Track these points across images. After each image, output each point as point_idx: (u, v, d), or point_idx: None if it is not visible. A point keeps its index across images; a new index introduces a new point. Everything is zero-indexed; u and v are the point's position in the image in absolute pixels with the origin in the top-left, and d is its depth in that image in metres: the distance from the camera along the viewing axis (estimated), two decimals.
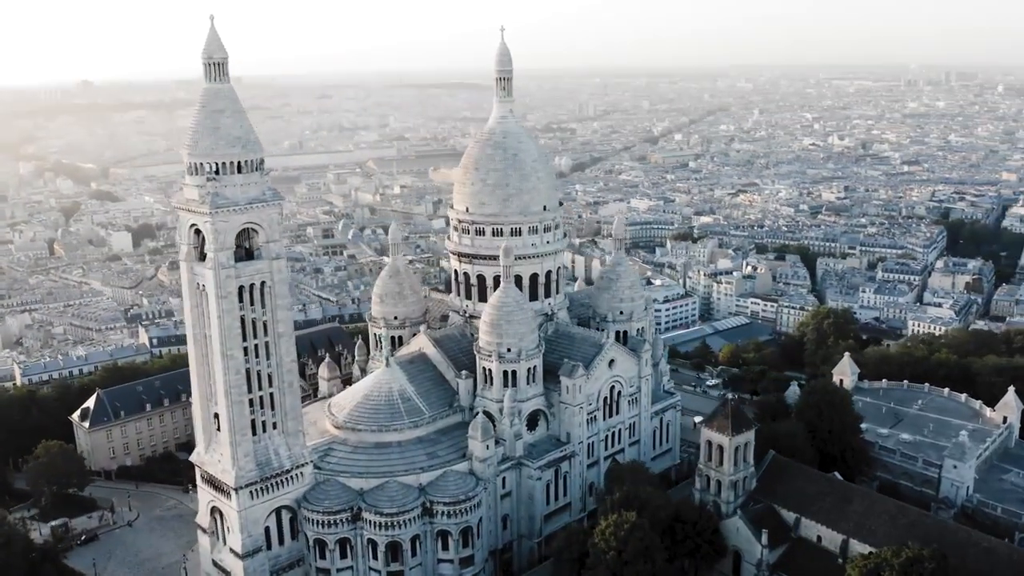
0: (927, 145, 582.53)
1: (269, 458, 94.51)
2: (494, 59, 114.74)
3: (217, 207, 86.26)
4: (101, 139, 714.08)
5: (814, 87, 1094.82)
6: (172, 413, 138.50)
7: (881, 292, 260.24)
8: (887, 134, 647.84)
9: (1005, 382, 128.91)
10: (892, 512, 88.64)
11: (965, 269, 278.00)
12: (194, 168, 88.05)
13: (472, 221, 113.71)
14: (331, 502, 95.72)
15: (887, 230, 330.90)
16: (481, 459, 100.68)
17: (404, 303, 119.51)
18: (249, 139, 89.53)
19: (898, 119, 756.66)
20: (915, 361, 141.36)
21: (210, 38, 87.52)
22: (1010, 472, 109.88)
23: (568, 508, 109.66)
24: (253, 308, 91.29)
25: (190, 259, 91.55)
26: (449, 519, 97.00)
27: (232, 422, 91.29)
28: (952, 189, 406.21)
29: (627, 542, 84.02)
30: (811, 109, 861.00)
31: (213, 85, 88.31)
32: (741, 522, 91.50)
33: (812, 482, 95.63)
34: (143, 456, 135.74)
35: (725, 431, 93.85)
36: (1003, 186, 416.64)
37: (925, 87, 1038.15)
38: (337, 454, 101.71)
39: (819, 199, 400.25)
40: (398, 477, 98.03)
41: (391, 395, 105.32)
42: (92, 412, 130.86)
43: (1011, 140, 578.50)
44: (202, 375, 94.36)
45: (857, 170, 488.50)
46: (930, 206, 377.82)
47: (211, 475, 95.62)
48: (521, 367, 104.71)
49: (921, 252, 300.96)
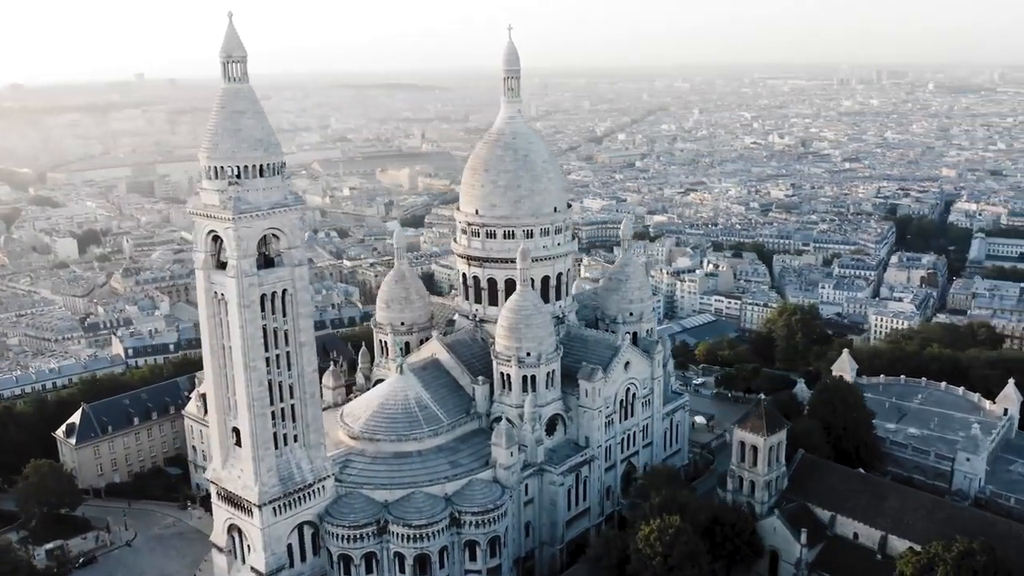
0: (865, 143, 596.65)
1: (291, 472, 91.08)
2: (501, 58, 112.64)
3: (240, 212, 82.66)
4: (35, 143, 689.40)
5: (749, 86, 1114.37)
6: (160, 426, 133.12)
7: (840, 288, 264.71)
8: (825, 132, 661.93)
9: (998, 375, 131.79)
10: (928, 507, 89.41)
11: (919, 264, 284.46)
12: (213, 171, 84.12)
13: (483, 223, 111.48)
14: (356, 516, 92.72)
15: (838, 227, 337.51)
16: (506, 466, 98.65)
17: (411, 308, 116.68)
18: (271, 141, 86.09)
19: (834, 117, 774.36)
20: (907, 356, 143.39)
21: (228, 36, 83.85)
22: (1016, 463, 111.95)
23: (587, 513, 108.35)
24: (275, 317, 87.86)
25: (207, 267, 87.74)
26: (477, 529, 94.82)
27: (255, 436, 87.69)
28: (896, 186, 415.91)
29: (673, 546, 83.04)
30: (749, 108, 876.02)
31: (232, 85, 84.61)
32: (779, 522, 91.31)
33: (844, 480, 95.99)
34: (131, 472, 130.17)
35: (760, 432, 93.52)
36: (944, 182, 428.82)
37: (858, 86, 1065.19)
38: (356, 466, 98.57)
39: (768, 197, 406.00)
40: (424, 488, 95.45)
41: (408, 403, 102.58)
42: (78, 428, 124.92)
43: (946, 137, 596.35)
44: (219, 388, 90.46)
45: (800, 168, 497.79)
46: (876, 202, 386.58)
47: (230, 492, 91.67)
48: (541, 372, 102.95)
49: (873, 248, 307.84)
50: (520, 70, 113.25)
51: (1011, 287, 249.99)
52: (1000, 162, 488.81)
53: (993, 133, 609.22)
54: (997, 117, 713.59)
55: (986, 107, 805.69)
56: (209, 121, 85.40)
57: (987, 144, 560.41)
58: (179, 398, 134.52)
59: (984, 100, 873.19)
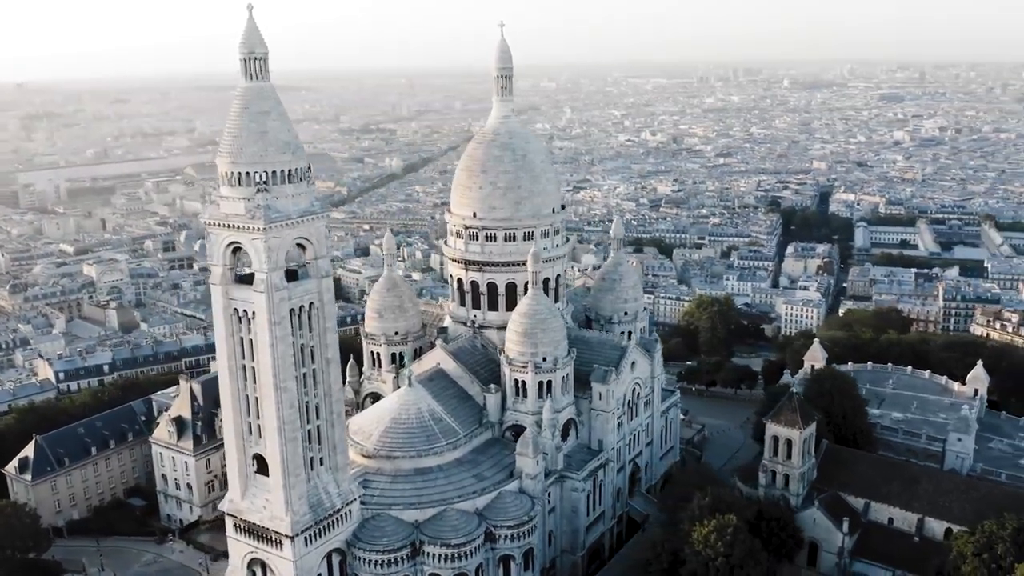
0: (733, 138, 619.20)
1: (320, 498, 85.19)
2: (494, 57, 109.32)
3: (271, 222, 76.36)
4: None
5: (613, 85, 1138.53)
6: (119, 456, 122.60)
7: (743, 279, 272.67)
8: (694, 129, 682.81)
9: (955, 357, 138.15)
10: (961, 488, 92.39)
11: (814, 253, 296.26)
12: (237, 178, 77.41)
13: (482, 227, 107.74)
14: (389, 539, 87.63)
15: (729, 220, 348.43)
16: (532, 476, 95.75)
17: (405, 317, 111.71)
18: (297, 144, 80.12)
19: (699, 114, 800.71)
20: (865, 343, 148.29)
21: (248, 30, 77.19)
22: (993, 440, 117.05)
23: (602, 517, 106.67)
24: (301, 333, 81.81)
25: (225, 282, 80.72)
26: (512, 543, 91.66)
27: (286, 462, 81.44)
28: (775, 179, 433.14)
29: (733, 545, 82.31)
30: (617, 107, 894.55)
31: (255, 84, 77.93)
32: (819, 513, 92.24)
33: (874, 467, 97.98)
34: (91, 507, 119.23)
35: (795, 425, 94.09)
36: (816, 174, 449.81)
37: (716, 83, 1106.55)
38: (377, 486, 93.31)
39: (655, 193, 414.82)
40: (455, 504, 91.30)
41: (421, 417, 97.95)
42: (32, 462, 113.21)
43: (809, 131, 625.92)
44: (237, 412, 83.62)
45: (677, 164, 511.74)
46: (758, 195, 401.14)
47: (253, 524, 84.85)
48: (556, 376, 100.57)
49: (765, 239, 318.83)
50: (512, 68, 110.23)
51: (905, 273, 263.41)
52: (863, 154, 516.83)
53: (852, 126, 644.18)
54: (853, 111, 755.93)
55: (840, 101, 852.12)
56: (229, 123, 78.52)
57: (848, 137, 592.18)
58: (136, 424, 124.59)
59: (838, 95, 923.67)
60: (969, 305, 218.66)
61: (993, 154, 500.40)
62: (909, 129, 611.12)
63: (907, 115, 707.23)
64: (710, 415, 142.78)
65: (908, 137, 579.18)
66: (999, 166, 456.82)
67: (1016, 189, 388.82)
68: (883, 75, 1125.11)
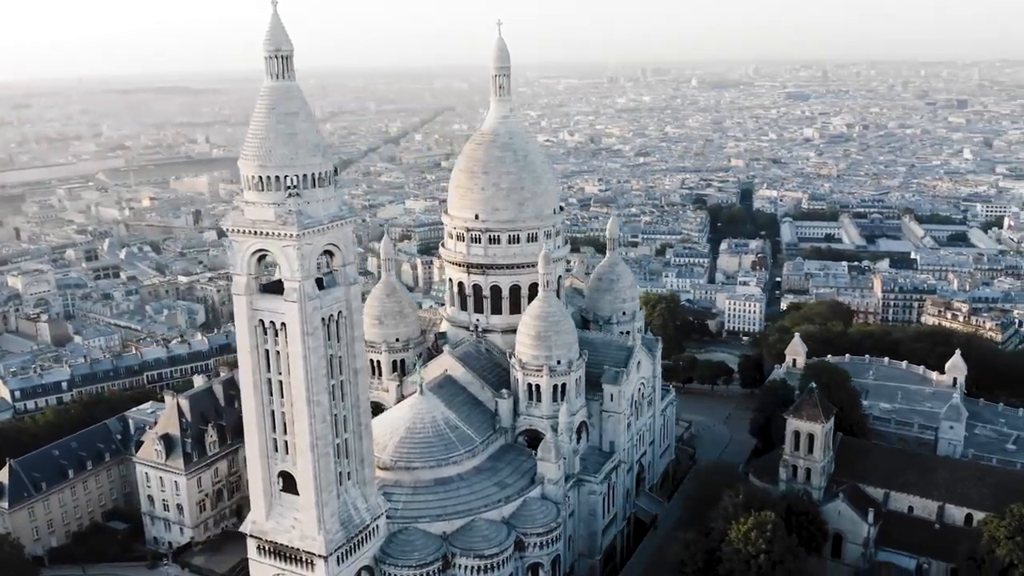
0: (649, 137, 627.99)
1: (350, 515, 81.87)
2: (492, 56, 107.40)
3: (305, 227, 72.86)
4: None
5: (526, 86, 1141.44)
6: (96, 477, 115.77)
7: (682, 276, 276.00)
8: (611, 129, 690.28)
9: (926, 347, 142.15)
10: (976, 474, 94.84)
11: (747, 249, 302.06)
12: (265, 182, 73.55)
13: (485, 229, 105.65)
14: (420, 553, 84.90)
15: (660, 218, 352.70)
16: (554, 481, 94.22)
17: (405, 323, 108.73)
18: (324, 145, 77.06)
19: (614, 114, 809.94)
20: (836, 336, 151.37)
21: (273, 27, 73.53)
22: (977, 426, 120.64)
23: (615, 519, 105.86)
24: (330, 343, 78.40)
25: (250, 292, 76.71)
26: (541, 550, 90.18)
27: (318, 479, 77.88)
28: (698, 177, 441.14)
29: (773, 542, 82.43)
30: (532, 107, 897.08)
31: (281, 83, 74.24)
32: (844, 505, 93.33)
33: (889, 457, 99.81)
34: (69, 532, 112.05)
35: (817, 419, 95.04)
36: (735, 172, 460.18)
37: (627, 83, 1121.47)
38: (399, 498, 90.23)
39: (583, 193, 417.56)
40: (482, 514, 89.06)
41: (437, 425, 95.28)
42: (8, 488, 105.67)
43: (721, 130, 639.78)
44: (262, 429, 79.53)
45: (598, 163, 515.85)
46: (683, 193, 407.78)
47: (280, 545, 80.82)
48: (571, 379, 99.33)
49: (697, 236, 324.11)
50: (510, 67, 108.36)
51: (837, 266, 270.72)
52: (776, 151, 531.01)
53: (763, 124, 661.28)
54: (761, 109, 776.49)
55: (749, 100, 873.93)
56: (254, 124, 74.64)
57: (760, 135, 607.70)
58: (113, 443, 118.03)
59: (745, 94, 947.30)
60: (907, 296, 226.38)
61: (901, 149, 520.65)
62: (818, 126, 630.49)
63: (814, 113, 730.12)
64: (691, 412, 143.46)
65: (817, 134, 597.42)
66: (908, 161, 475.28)
67: (928, 183, 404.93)
68: (787, 74, 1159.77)
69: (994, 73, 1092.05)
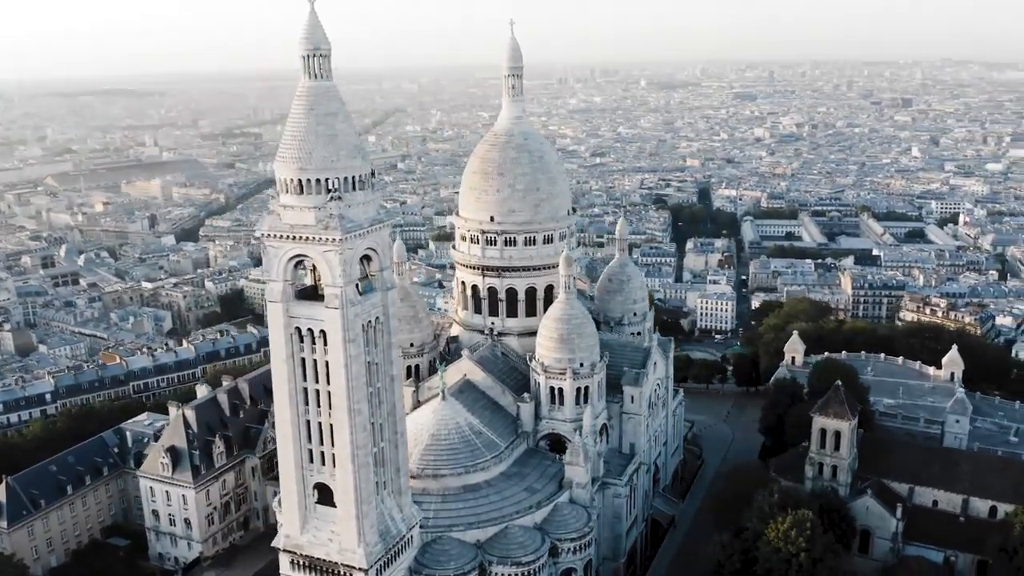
0: (603, 138, 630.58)
1: (387, 526, 79.89)
2: (504, 56, 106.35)
3: (347, 232, 70.77)
4: None
5: (476, 87, 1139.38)
6: (95, 492, 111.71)
7: (651, 275, 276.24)
8: (564, 129, 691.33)
9: (919, 343, 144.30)
10: (998, 467, 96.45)
11: (713, 248, 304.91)
12: (304, 185, 71.27)
13: (501, 231, 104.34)
14: (456, 563, 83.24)
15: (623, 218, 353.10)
16: (583, 485, 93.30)
17: (420, 328, 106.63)
18: (363, 148, 75.00)
19: (566, 115, 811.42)
20: (829, 333, 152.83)
21: (311, 26, 71.35)
22: (977, 420, 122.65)
23: (635, 521, 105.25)
24: (368, 350, 76.35)
25: (287, 299, 74.29)
26: (574, 556, 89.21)
27: (358, 490, 75.71)
28: (656, 177, 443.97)
29: (813, 540, 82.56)
30: (483, 108, 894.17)
31: (320, 83, 72.06)
32: (872, 500, 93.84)
33: (912, 452, 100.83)
34: (68, 550, 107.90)
35: (844, 417, 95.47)
36: (692, 171, 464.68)
37: (576, 84, 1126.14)
38: (429, 506, 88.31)
39: None
40: (515, 520, 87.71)
41: (462, 431, 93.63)
42: (6, 506, 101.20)
43: (673, 130, 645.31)
44: (296, 440, 77.12)
45: None
46: (643, 193, 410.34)
47: (317, 559, 78.47)
48: (593, 381, 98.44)
49: (661, 236, 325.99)
50: (523, 67, 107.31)
51: (803, 264, 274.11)
52: (729, 151, 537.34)
53: (713, 124, 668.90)
54: (711, 110, 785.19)
55: (698, 101, 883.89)
56: (293, 125, 72.13)
57: (711, 135, 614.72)
58: (110, 457, 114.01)
59: (694, 94, 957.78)
60: (877, 293, 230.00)
61: (850, 148, 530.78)
62: (768, 126, 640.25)
63: (763, 113, 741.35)
64: (691, 411, 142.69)
65: (768, 134, 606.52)
66: (858, 159, 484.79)
67: (881, 180, 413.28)
68: (734, 75, 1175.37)
69: (936, 72, 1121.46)
